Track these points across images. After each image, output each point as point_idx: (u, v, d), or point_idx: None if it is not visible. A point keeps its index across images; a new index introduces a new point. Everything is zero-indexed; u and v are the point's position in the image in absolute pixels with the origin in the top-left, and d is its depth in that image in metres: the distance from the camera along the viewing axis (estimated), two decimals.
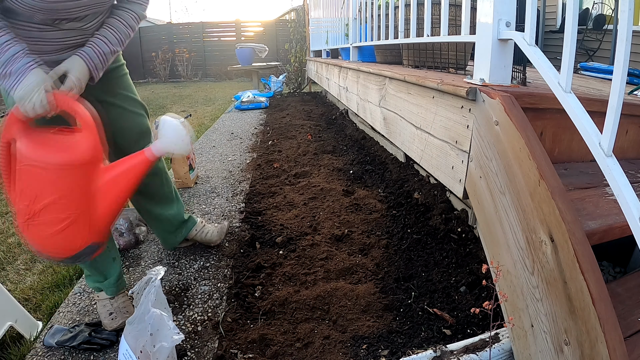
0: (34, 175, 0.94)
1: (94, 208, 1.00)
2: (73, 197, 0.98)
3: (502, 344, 0.99)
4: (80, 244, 1.00)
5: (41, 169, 0.94)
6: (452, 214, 1.71)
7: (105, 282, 1.33)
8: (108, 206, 1.03)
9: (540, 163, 0.85)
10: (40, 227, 0.95)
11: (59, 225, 0.96)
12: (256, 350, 1.19)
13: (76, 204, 0.98)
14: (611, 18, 4.25)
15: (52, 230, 0.96)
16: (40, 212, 0.94)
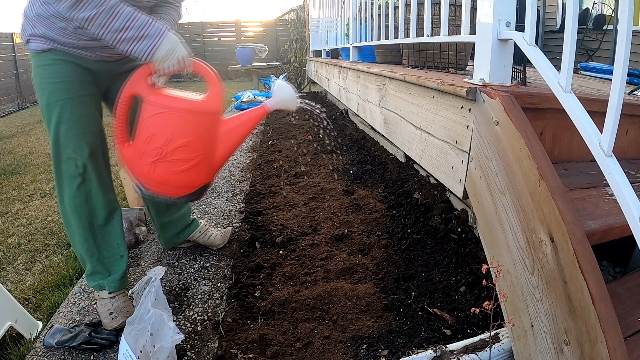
0: (170, 121, 1.08)
1: (214, 153, 1.16)
2: (201, 142, 1.12)
3: (502, 344, 0.99)
4: (198, 183, 1.15)
5: (177, 115, 1.08)
6: (452, 214, 1.71)
7: (109, 278, 1.34)
8: (225, 152, 1.19)
9: (540, 163, 0.85)
10: (169, 166, 1.08)
11: (186, 165, 1.10)
12: (256, 350, 1.19)
13: (202, 147, 1.12)
14: (611, 18, 4.25)
15: (180, 168, 1.09)
16: (172, 153, 1.08)
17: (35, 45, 1.19)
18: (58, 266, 1.77)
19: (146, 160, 1.09)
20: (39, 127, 5.38)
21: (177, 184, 1.12)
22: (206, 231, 1.74)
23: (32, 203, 2.62)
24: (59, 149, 1.22)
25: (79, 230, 1.29)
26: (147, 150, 1.09)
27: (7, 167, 3.52)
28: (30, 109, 7.50)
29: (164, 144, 1.08)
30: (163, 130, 1.09)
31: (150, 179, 1.11)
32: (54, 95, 1.19)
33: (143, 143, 1.09)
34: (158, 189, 1.12)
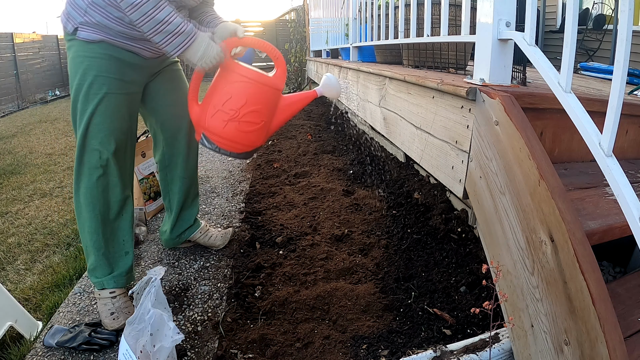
0: (248, 90, 1.27)
1: (272, 121, 1.35)
2: (267, 110, 1.31)
3: (502, 344, 0.99)
4: (257, 144, 1.34)
5: (255, 86, 1.28)
6: (452, 214, 1.71)
7: (111, 275, 1.34)
8: (279, 122, 1.38)
9: (540, 163, 0.85)
10: (239, 126, 1.27)
11: (253, 127, 1.29)
12: (256, 350, 1.19)
13: (266, 115, 1.32)
14: (611, 18, 4.25)
15: (247, 129, 1.28)
16: (244, 115, 1.26)
17: (86, 34, 1.21)
18: (58, 266, 1.77)
19: (221, 117, 1.26)
20: (39, 127, 5.38)
21: (241, 141, 1.31)
22: (207, 232, 1.74)
23: (32, 203, 2.62)
24: (86, 139, 1.25)
25: (90, 222, 1.30)
26: (224, 109, 1.26)
27: (7, 167, 3.52)
28: (30, 109, 7.49)
29: (240, 107, 1.26)
30: (241, 95, 1.27)
31: (220, 135, 1.28)
32: (95, 87, 1.23)
33: (220, 103, 1.26)
34: (223, 143, 1.30)
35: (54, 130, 5.09)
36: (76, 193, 1.30)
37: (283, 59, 1.36)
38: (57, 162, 3.59)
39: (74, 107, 1.26)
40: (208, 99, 1.31)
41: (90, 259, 1.33)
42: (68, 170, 3.30)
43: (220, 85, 1.30)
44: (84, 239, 1.33)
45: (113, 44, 1.23)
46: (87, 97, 1.23)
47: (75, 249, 1.90)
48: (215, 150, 1.32)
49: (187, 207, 1.66)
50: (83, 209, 1.30)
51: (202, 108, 1.30)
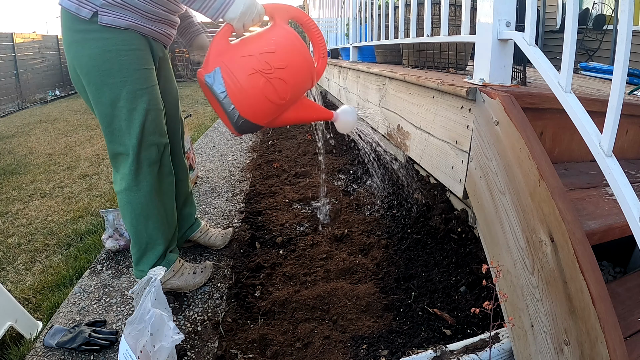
0: (297, 58, 1.12)
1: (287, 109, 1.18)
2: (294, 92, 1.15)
3: (502, 344, 0.99)
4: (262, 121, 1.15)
5: (304, 59, 1.14)
6: (452, 214, 1.71)
7: (172, 247, 1.43)
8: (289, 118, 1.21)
9: (540, 163, 0.85)
10: (265, 85, 1.08)
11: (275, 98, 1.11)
12: (256, 350, 1.19)
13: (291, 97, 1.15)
14: (611, 18, 4.25)
15: (270, 96, 1.10)
16: (274, 79, 1.09)
17: (110, 19, 1.10)
18: (58, 266, 1.77)
19: (252, 63, 1.08)
20: (39, 127, 5.38)
21: (255, 104, 1.10)
22: (207, 232, 1.74)
23: (32, 203, 2.62)
24: (143, 137, 1.22)
25: (156, 217, 1.32)
26: (260, 58, 1.08)
27: (7, 167, 3.52)
28: (30, 109, 7.49)
29: (278, 67, 1.09)
30: (286, 56, 1.11)
31: (238, 80, 1.07)
32: (141, 82, 1.18)
33: (260, 50, 1.09)
34: (234, 93, 1.07)
35: (54, 130, 5.09)
36: (136, 193, 1.27)
37: (327, 58, 1.22)
38: (57, 162, 3.59)
39: (115, 107, 1.18)
40: (246, 42, 1.13)
41: (156, 250, 1.35)
42: (68, 170, 3.31)
43: (267, 35, 1.14)
44: (148, 234, 1.33)
45: (139, 30, 1.16)
46: (135, 95, 1.17)
47: (75, 249, 1.90)
48: (217, 95, 1.07)
49: (187, 206, 1.66)
50: (149, 206, 1.29)
51: (233, 46, 1.12)
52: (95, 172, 3.21)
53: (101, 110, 1.20)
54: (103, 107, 1.19)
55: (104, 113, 1.20)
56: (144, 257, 1.35)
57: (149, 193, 1.28)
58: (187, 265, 1.47)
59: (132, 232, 1.33)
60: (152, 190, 1.29)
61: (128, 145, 1.22)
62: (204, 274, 1.50)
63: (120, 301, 1.44)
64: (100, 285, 1.53)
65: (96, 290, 1.50)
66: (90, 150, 3.91)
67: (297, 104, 1.21)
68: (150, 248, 1.35)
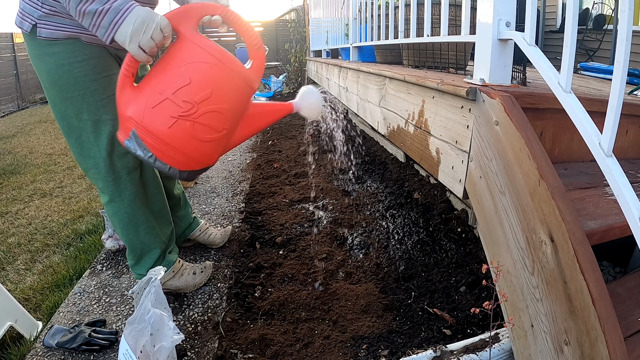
0: (217, 78, 0.90)
1: (234, 132, 0.99)
2: (233, 114, 0.95)
3: (502, 344, 0.99)
4: (209, 162, 0.97)
5: (227, 75, 0.91)
6: (452, 214, 1.71)
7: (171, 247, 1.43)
8: (241, 136, 1.02)
9: (540, 163, 0.85)
10: (194, 129, 0.89)
11: (212, 135, 0.91)
12: (256, 350, 1.19)
13: (232, 121, 0.96)
14: (611, 18, 4.25)
15: (204, 136, 0.91)
16: (203, 115, 0.89)
17: (48, 32, 1.01)
18: (58, 266, 1.77)
19: (168, 111, 0.88)
20: (39, 127, 5.38)
21: (191, 152, 0.92)
22: (206, 230, 1.74)
23: (32, 203, 2.62)
24: (114, 146, 1.16)
25: (146, 224, 1.31)
26: (175, 99, 0.88)
27: (7, 167, 3.52)
28: (30, 109, 7.49)
29: (200, 100, 0.88)
30: (205, 83, 0.89)
31: (160, 137, 0.89)
32: (100, 92, 1.10)
33: (171, 89, 0.88)
34: (161, 151, 0.90)
35: (54, 130, 5.09)
36: (120, 204, 1.25)
37: (263, 49, 0.99)
38: (57, 162, 3.59)
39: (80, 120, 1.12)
40: (150, 80, 0.91)
41: (152, 254, 1.35)
42: (68, 170, 3.30)
43: (174, 62, 0.90)
44: (141, 241, 1.32)
45: (83, 39, 1.05)
46: (96, 106, 1.11)
47: (75, 249, 1.90)
48: (146, 160, 0.91)
49: (183, 205, 1.67)
50: (135, 214, 1.27)
51: (138, 93, 0.90)
52: None
53: (66, 124, 1.14)
54: (68, 121, 1.13)
55: (70, 127, 1.14)
56: (141, 261, 1.36)
57: (133, 202, 1.26)
58: (187, 266, 1.47)
59: (125, 240, 1.33)
60: (136, 198, 1.27)
61: (98, 158, 1.17)
62: (204, 274, 1.50)
63: (120, 301, 1.44)
64: (100, 285, 1.53)
65: (96, 290, 1.50)
66: None
67: (246, 118, 1.02)
68: (146, 253, 1.35)
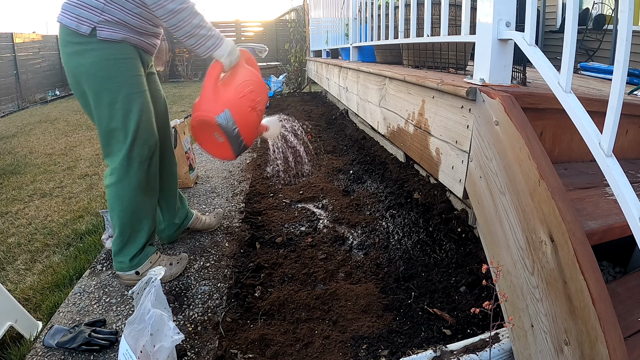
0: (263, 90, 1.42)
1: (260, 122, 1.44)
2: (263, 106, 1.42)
3: (502, 344, 0.99)
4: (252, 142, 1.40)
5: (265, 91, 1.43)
6: (452, 214, 1.71)
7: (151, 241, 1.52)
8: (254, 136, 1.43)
9: (540, 163, 0.85)
10: (256, 116, 1.35)
11: (258, 124, 1.39)
12: (256, 350, 1.19)
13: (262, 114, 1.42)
14: (611, 18, 4.25)
15: (256, 123, 1.37)
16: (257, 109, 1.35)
17: (108, 34, 1.24)
18: (58, 266, 1.77)
19: (246, 102, 1.31)
20: (39, 127, 5.38)
21: (252, 133, 1.36)
22: (200, 218, 1.88)
23: (32, 203, 2.62)
24: (137, 136, 1.34)
25: (141, 212, 1.43)
26: (248, 96, 1.32)
27: (7, 167, 3.52)
28: (30, 109, 7.49)
29: (258, 99, 1.35)
30: (259, 90, 1.38)
31: (244, 118, 1.29)
32: (135, 87, 1.32)
33: (245, 89, 1.32)
34: (242, 128, 1.29)
35: (54, 130, 5.09)
36: (125, 187, 1.38)
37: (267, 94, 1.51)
38: (57, 162, 3.59)
39: (112, 108, 1.30)
40: (229, 84, 1.33)
41: (137, 243, 1.45)
42: (68, 170, 3.30)
43: (241, 77, 1.36)
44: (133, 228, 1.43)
45: (132, 42, 1.30)
46: (130, 98, 1.30)
47: (75, 249, 1.90)
48: (229, 133, 1.28)
49: (181, 199, 1.78)
50: (135, 200, 1.40)
51: (225, 89, 1.31)
52: (95, 172, 3.21)
53: (100, 112, 1.31)
54: (102, 109, 1.31)
55: (102, 115, 1.32)
56: (125, 249, 1.45)
57: (137, 188, 1.40)
58: (163, 257, 1.57)
59: (118, 224, 1.42)
60: (140, 185, 1.40)
61: (122, 144, 1.34)
62: (180, 265, 1.58)
63: (120, 301, 1.44)
64: (100, 285, 1.53)
65: (96, 290, 1.50)
66: (90, 150, 3.90)
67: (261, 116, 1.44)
68: (132, 241, 1.45)
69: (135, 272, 1.46)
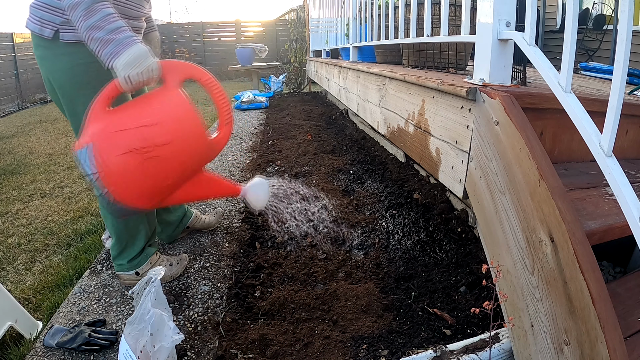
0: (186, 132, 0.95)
1: (176, 189, 1.03)
2: (184, 171, 0.98)
3: (502, 344, 0.99)
4: (140, 203, 1.00)
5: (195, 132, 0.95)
6: (452, 214, 1.71)
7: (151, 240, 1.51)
8: (183, 196, 1.08)
9: (540, 163, 0.85)
10: (142, 165, 0.92)
11: (156, 179, 0.95)
12: (256, 350, 1.19)
13: (180, 177, 0.99)
14: (611, 18, 4.25)
15: (150, 179, 0.95)
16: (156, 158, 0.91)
17: (72, 36, 1.11)
18: (58, 266, 1.77)
19: (125, 141, 0.91)
20: (39, 127, 5.37)
21: (130, 187, 0.94)
22: (200, 217, 1.87)
23: (32, 203, 2.62)
24: None
25: (135, 217, 1.39)
26: (136, 133, 0.91)
27: (7, 167, 3.52)
28: (30, 109, 7.49)
29: (158, 143, 0.91)
30: (170, 131, 0.94)
31: (107, 162, 0.91)
32: None
33: (136, 122, 0.92)
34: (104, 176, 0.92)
35: (54, 130, 5.09)
36: None
37: (232, 125, 1.05)
38: (57, 162, 3.59)
39: None
40: (124, 109, 1.00)
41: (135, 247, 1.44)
42: (68, 170, 3.30)
43: (151, 102, 1.00)
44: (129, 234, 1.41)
45: None
46: None
47: (75, 249, 1.90)
48: (87, 177, 0.94)
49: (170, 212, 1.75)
50: None
51: (108, 115, 0.98)
52: None
53: (75, 121, 1.21)
54: (78, 117, 1.18)
55: (78, 124, 1.19)
56: (123, 252, 1.45)
57: None
58: (163, 258, 1.56)
59: (113, 232, 1.40)
60: None
61: None
62: (180, 265, 1.57)
63: (120, 301, 1.44)
64: (100, 285, 1.53)
65: (96, 290, 1.50)
66: None
67: (193, 180, 1.06)
68: (130, 246, 1.44)
69: (135, 272, 1.46)
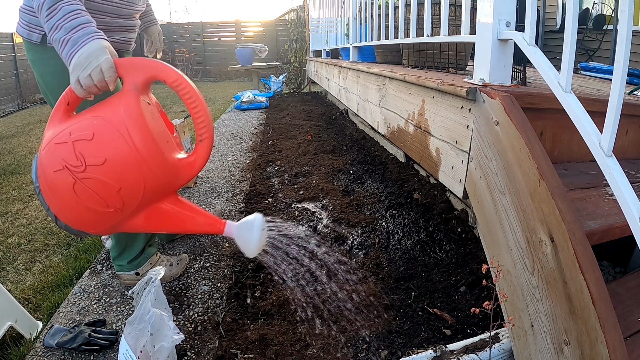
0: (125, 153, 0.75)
1: (135, 216, 0.84)
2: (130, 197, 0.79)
3: (502, 344, 0.99)
4: (95, 230, 0.88)
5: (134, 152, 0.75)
6: (452, 214, 1.71)
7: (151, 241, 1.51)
8: (147, 225, 0.87)
9: (540, 163, 0.85)
10: (76, 187, 0.76)
11: (97, 207, 0.78)
12: (256, 350, 1.19)
13: (125, 202, 0.79)
14: (611, 18, 4.25)
15: (88, 202, 0.78)
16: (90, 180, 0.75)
17: None
18: (58, 266, 1.77)
19: (63, 155, 0.77)
20: (39, 127, 5.37)
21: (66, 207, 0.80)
22: None
23: (32, 203, 2.62)
24: None
25: None
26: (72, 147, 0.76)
27: (7, 167, 3.52)
28: (30, 109, 7.49)
29: (90, 163, 0.75)
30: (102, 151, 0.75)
31: (46, 177, 0.79)
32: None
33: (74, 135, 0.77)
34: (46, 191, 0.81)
35: None
36: None
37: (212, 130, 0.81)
38: None
39: None
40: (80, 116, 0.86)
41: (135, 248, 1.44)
42: None
43: (96, 110, 0.83)
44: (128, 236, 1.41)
45: None
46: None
47: (75, 249, 1.90)
48: (37, 192, 0.83)
49: None
50: None
51: (60, 123, 0.85)
52: None
53: None
54: None
55: None
56: (123, 254, 1.45)
57: None
58: (163, 258, 1.56)
59: (113, 235, 1.41)
60: None
61: None
62: (180, 265, 1.57)
63: (120, 301, 1.44)
64: (100, 285, 1.53)
65: (96, 290, 1.50)
66: None
67: (158, 209, 0.85)
68: (130, 246, 1.44)
69: (136, 272, 1.46)
